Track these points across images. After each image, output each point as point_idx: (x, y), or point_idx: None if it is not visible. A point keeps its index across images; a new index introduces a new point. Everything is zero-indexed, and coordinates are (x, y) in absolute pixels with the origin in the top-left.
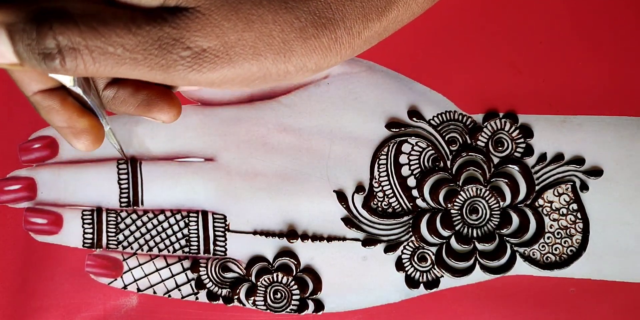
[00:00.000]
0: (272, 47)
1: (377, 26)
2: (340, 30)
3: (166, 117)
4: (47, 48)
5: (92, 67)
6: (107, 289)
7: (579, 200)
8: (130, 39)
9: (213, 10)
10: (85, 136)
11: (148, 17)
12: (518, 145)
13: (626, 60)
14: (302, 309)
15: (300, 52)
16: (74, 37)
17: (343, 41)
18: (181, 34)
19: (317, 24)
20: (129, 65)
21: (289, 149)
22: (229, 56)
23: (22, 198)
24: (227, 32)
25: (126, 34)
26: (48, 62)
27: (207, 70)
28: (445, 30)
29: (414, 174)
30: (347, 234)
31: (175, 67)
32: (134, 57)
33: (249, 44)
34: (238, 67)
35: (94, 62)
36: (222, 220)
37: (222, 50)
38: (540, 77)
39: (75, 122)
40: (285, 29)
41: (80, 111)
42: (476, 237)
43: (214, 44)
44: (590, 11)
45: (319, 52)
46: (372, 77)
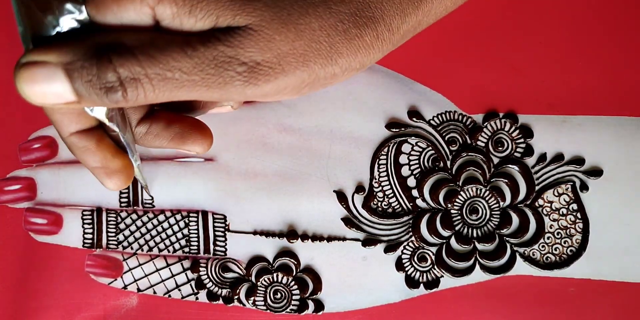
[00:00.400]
0: (320, 52)
1: (413, 20)
2: (380, 27)
3: (200, 148)
4: (108, 82)
5: (152, 94)
6: (107, 289)
7: (579, 200)
8: (187, 62)
9: (264, 26)
10: (117, 176)
11: (202, 39)
12: (518, 145)
13: (626, 60)
14: (302, 309)
15: (345, 53)
16: (134, 67)
17: (384, 37)
18: (235, 51)
19: (359, 24)
20: (187, 88)
21: (289, 149)
22: (281, 66)
23: (22, 198)
24: (279, 44)
25: (183, 57)
26: (110, 95)
27: (263, 82)
28: (445, 31)
29: (414, 174)
30: (347, 234)
31: (232, 83)
32: (192, 79)
33: (300, 52)
34: (291, 75)
35: (154, 89)
36: (222, 220)
37: (275, 61)
38: (540, 77)
39: (109, 162)
40: (331, 33)
41: (114, 151)
42: (476, 237)
43: (267, 57)
44: (590, 11)
45: (363, 51)
46: (372, 77)
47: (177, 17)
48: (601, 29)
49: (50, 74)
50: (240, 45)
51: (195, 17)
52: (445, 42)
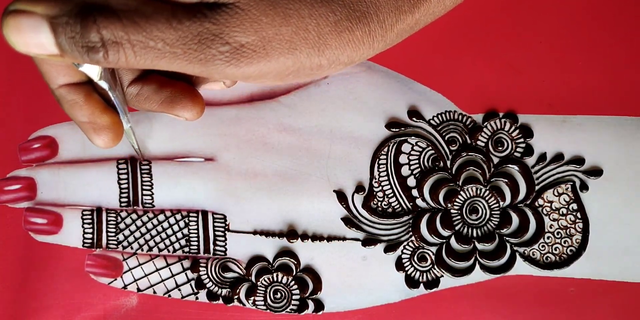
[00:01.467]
0: (307, 41)
1: (409, 19)
2: (373, 23)
3: (189, 114)
4: (91, 41)
5: (133, 60)
6: (107, 289)
7: (579, 200)
8: (171, 34)
9: (252, 6)
10: (105, 133)
11: (188, 13)
12: (518, 145)
13: (626, 60)
14: (302, 309)
15: (334, 45)
16: (117, 31)
17: (376, 34)
18: (220, 30)
19: (352, 17)
20: (168, 59)
21: (289, 149)
22: (265, 51)
23: (22, 198)
24: (265, 27)
25: (167, 28)
26: (91, 55)
27: (245, 64)
28: (445, 31)
29: (413, 173)
30: (347, 234)
31: (213, 61)
32: (174, 51)
33: (286, 38)
34: (274, 61)
35: (135, 55)
36: (222, 220)
37: (259, 44)
38: (540, 77)
39: (97, 117)
40: (321, 23)
41: (103, 107)
42: (476, 237)
43: (252, 39)
44: (590, 11)
45: (352, 46)
46: (372, 77)
47: None
48: (601, 29)
49: (36, 24)
50: (225, 24)
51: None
52: (446, 41)
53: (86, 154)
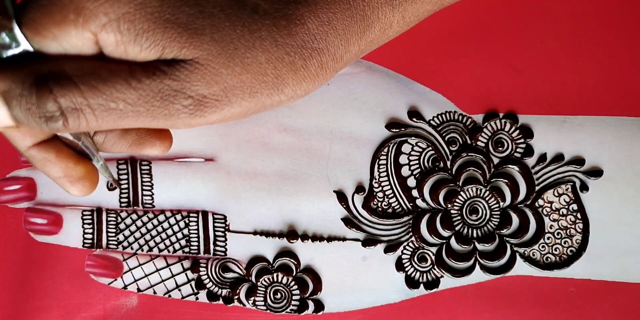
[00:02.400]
0: (266, 83)
1: (355, 49)
2: (325, 57)
3: (158, 151)
4: (48, 111)
5: (94, 123)
6: (107, 289)
7: (579, 200)
8: (132, 94)
9: (211, 60)
10: (82, 183)
11: (146, 71)
12: (518, 145)
13: (626, 60)
14: (302, 309)
15: (291, 83)
16: (76, 97)
17: (328, 66)
18: (182, 85)
19: (305, 56)
20: (132, 118)
21: (289, 149)
22: (228, 98)
23: (22, 198)
24: (226, 78)
25: (127, 89)
26: (50, 124)
27: (209, 114)
28: (445, 31)
29: (414, 174)
30: (347, 234)
31: (178, 115)
32: (136, 110)
33: (247, 84)
34: (237, 106)
35: (97, 119)
36: (222, 221)
37: (222, 94)
38: (540, 78)
39: (71, 170)
40: (278, 66)
41: (75, 159)
42: (476, 238)
43: (214, 90)
44: (590, 11)
45: (308, 80)
46: (372, 77)
47: (122, 45)
48: (601, 29)
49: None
50: (186, 79)
51: (140, 46)
52: (446, 42)
53: None
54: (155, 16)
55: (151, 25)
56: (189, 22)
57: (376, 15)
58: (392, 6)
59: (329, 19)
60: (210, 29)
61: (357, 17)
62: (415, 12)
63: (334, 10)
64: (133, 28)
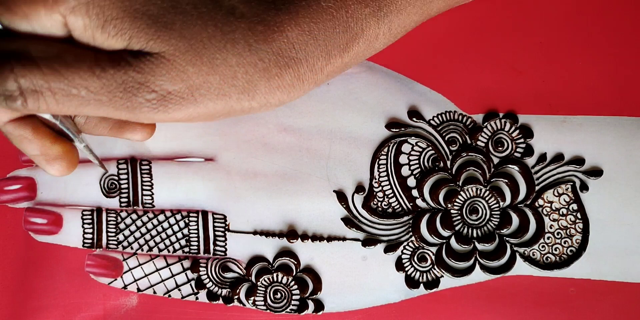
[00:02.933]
0: (236, 87)
1: (338, 62)
2: (303, 68)
3: (139, 136)
4: (8, 90)
5: (55, 107)
6: (107, 289)
7: (579, 200)
8: (94, 82)
9: (177, 56)
10: (59, 162)
11: (112, 60)
12: (518, 145)
13: (626, 60)
14: (302, 309)
15: (264, 90)
16: (36, 79)
17: (306, 77)
18: (146, 78)
19: (281, 64)
20: (93, 106)
21: (289, 149)
22: (194, 97)
23: (22, 198)
24: (192, 76)
25: (90, 76)
26: (9, 103)
27: (173, 110)
28: (445, 31)
29: (414, 174)
30: (347, 234)
31: (140, 109)
32: (98, 98)
33: (214, 86)
34: (203, 106)
35: (57, 103)
36: (222, 220)
37: (187, 92)
38: (540, 77)
39: (48, 149)
40: (249, 71)
41: (52, 138)
42: (476, 237)
43: (179, 87)
44: (590, 11)
45: (283, 90)
46: (372, 77)
47: (89, 30)
48: (601, 29)
49: None
50: (151, 73)
51: (108, 33)
52: (446, 42)
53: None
54: (126, 5)
55: (120, 13)
56: (159, 14)
57: (360, 28)
58: (378, 18)
59: (310, 29)
60: (181, 24)
61: (340, 28)
62: (402, 23)
63: (316, 20)
64: (102, 14)
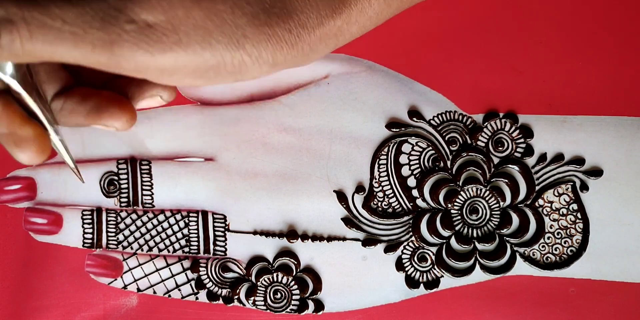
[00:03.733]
0: (222, 29)
1: (330, 24)
2: (293, 21)
3: (118, 123)
4: None
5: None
6: (107, 289)
7: (579, 200)
8: (70, 10)
9: None
10: (28, 146)
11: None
12: (518, 145)
13: (626, 60)
14: (302, 309)
15: (253, 38)
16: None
17: (298, 33)
18: (124, 5)
19: (270, 13)
20: (69, 41)
21: (289, 148)
22: (177, 36)
23: (22, 198)
24: (174, 6)
25: (65, 4)
26: None
27: (156, 51)
28: (445, 30)
29: (414, 174)
30: (347, 234)
31: (119, 43)
32: (73, 30)
33: (199, 23)
34: (190, 50)
35: (31, 36)
36: (222, 220)
37: (169, 28)
38: (540, 77)
39: (17, 128)
40: (236, 12)
41: (24, 118)
42: (476, 237)
43: (160, 20)
44: (590, 11)
45: (274, 42)
46: (372, 77)
47: None
48: (601, 28)
49: None
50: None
51: None
52: (446, 42)
53: (86, 154)
54: None
55: None
56: None
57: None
58: None
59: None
60: None
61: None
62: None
63: None
64: None
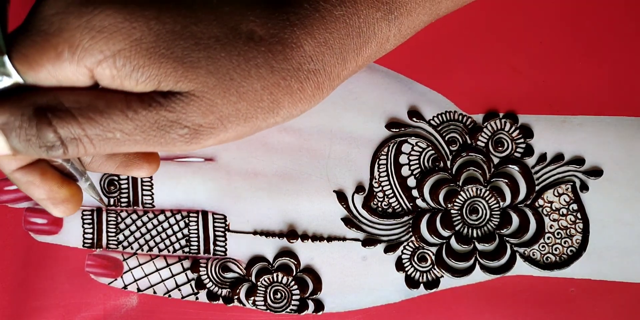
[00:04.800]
0: (262, 109)
1: (353, 65)
2: (322, 77)
3: (145, 173)
4: (49, 141)
5: (92, 150)
6: (107, 289)
7: (579, 200)
8: (128, 124)
9: (206, 91)
10: (65, 205)
11: (142, 102)
12: (518, 145)
13: (626, 60)
14: (302, 309)
15: (287, 105)
16: (74, 129)
17: (325, 86)
18: (178, 116)
19: (301, 79)
20: (129, 145)
21: (289, 148)
22: (223, 125)
23: (22, 198)
24: (222, 108)
25: (124, 120)
26: (51, 153)
27: (204, 140)
28: (446, 31)
29: (414, 174)
30: (347, 234)
31: (174, 143)
32: (133, 139)
33: (242, 112)
34: (232, 131)
35: (95, 147)
36: (222, 220)
37: (217, 123)
38: (540, 78)
39: (55, 193)
40: (274, 91)
41: (60, 181)
42: (476, 237)
43: (209, 120)
44: (590, 11)
45: (304, 101)
46: (372, 77)
47: (117, 79)
48: (601, 29)
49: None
50: (182, 111)
51: (136, 81)
52: (446, 42)
53: None
54: (151, 52)
55: (146, 61)
56: (184, 55)
57: (372, 31)
58: (389, 21)
59: (325, 40)
60: (206, 61)
61: (354, 34)
62: (411, 24)
63: (330, 30)
64: (129, 64)
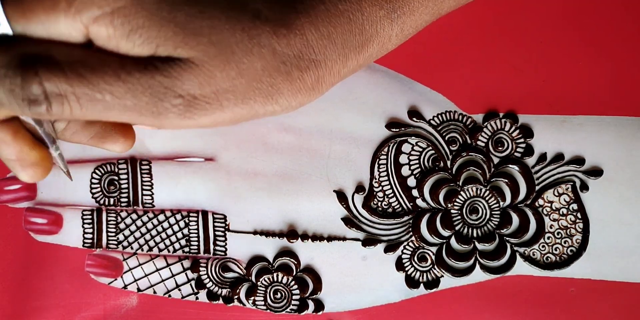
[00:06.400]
0: (261, 91)
1: (354, 64)
2: (322, 70)
3: (119, 147)
4: (33, 94)
5: (78, 112)
6: (107, 289)
7: (579, 200)
8: (120, 86)
9: (206, 61)
10: (33, 169)
11: (138, 64)
12: (518, 145)
13: (626, 60)
14: (302, 309)
15: (286, 93)
16: (61, 83)
17: (325, 80)
18: (173, 83)
19: (302, 67)
20: (118, 111)
21: (289, 148)
22: (219, 102)
23: (22, 198)
24: (219, 80)
25: (115, 81)
26: (33, 108)
27: (199, 116)
28: (446, 30)
29: (414, 174)
30: (347, 234)
31: (166, 114)
32: (123, 103)
33: (240, 90)
34: (229, 111)
35: (81, 108)
36: (222, 220)
37: (213, 97)
38: (540, 77)
39: (25, 155)
40: (273, 74)
41: (31, 143)
42: (476, 237)
43: (205, 92)
44: (590, 11)
45: (304, 92)
46: (372, 77)
47: (113, 40)
48: (601, 28)
49: None
50: (178, 77)
51: (133, 43)
52: (446, 42)
53: (86, 153)
54: (152, 13)
55: (146, 22)
56: (186, 21)
57: (375, 30)
58: (391, 20)
59: (328, 33)
60: (209, 30)
61: (356, 31)
62: (414, 24)
63: (334, 24)
64: (127, 23)
